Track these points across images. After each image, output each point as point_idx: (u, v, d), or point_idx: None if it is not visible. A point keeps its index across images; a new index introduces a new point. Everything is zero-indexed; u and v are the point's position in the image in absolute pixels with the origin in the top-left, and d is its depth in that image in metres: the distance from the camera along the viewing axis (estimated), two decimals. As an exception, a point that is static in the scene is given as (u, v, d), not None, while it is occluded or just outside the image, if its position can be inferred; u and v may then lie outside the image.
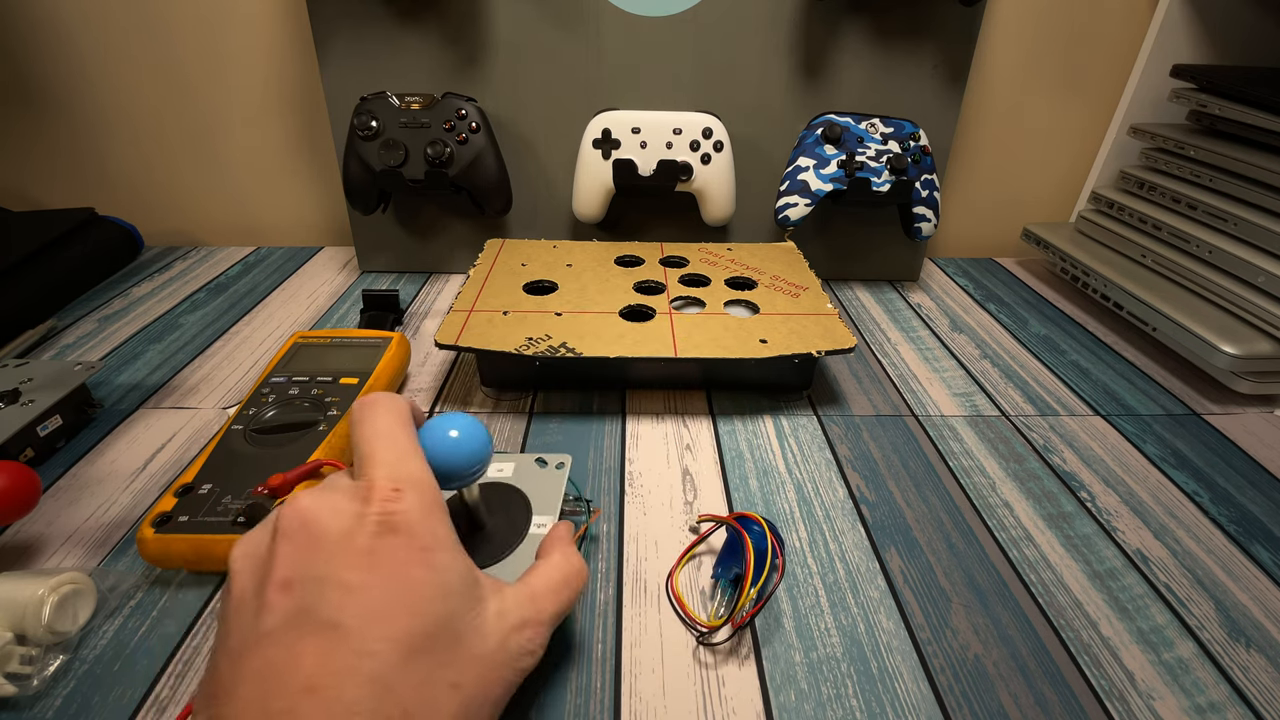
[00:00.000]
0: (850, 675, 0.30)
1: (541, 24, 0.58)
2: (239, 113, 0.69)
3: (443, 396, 0.48)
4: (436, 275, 0.66)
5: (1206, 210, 0.55)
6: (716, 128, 0.58)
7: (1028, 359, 0.54)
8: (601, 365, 0.47)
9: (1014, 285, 0.68)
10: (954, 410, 0.48)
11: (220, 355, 0.52)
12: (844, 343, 0.45)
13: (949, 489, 0.40)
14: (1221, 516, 0.39)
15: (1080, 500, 0.40)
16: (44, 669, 0.28)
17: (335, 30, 0.58)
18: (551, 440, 0.43)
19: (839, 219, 0.65)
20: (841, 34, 0.59)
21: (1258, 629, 0.32)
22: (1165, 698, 0.29)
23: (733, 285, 0.52)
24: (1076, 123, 0.71)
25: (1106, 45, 0.67)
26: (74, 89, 0.68)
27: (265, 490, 0.33)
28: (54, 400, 0.40)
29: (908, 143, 0.58)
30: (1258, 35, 0.64)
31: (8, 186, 0.73)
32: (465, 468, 0.26)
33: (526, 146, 0.62)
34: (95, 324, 0.56)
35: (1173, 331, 0.52)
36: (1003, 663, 0.30)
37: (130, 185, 0.73)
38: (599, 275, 0.53)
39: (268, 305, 0.60)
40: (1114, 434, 0.46)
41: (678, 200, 0.62)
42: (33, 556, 0.34)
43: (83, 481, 0.39)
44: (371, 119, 0.56)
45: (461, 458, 0.26)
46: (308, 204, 0.75)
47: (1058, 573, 0.35)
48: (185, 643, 0.30)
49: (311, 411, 0.40)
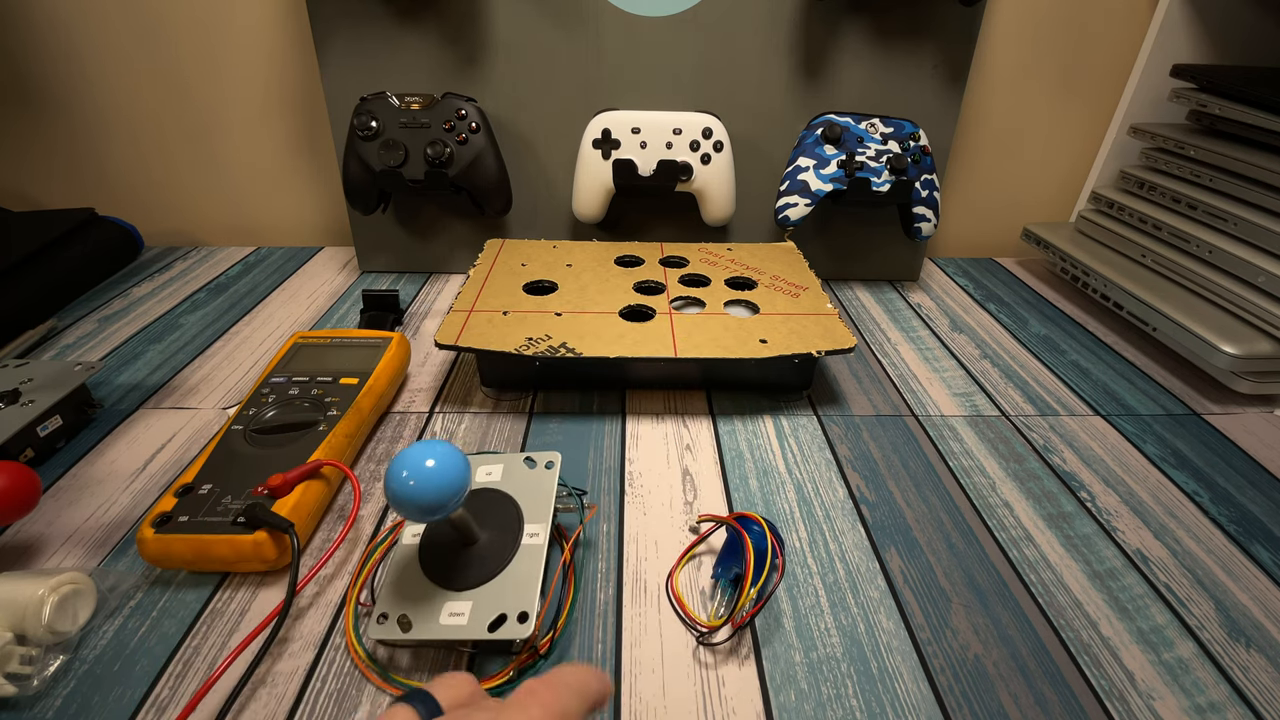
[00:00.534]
0: (850, 675, 0.30)
1: (541, 24, 0.58)
2: (239, 113, 0.69)
3: (443, 396, 0.48)
4: (436, 275, 0.66)
5: (1206, 210, 0.55)
6: (716, 128, 0.58)
7: (1028, 359, 0.54)
8: (601, 365, 0.47)
9: (1014, 285, 0.68)
10: (954, 410, 0.48)
11: (220, 355, 0.52)
12: (844, 343, 0.45)
13: (949, 489, 0.40)
14: (1221, 516, 0.39)
15: (1080, 500, 0.40)
16: (44, 669, 0.28)
17: (335, 31, 0.58)
18: (552, 440, 0.43)
19: (839, 219, 0.65)
20: (841, 34, 0.59)
21: (1258, 629, 0.32)
22: (1165, 698, 0.29)
23: (733, 285, 0.52)
24: (1076, 123, 0.71)
25: (1106, 45, 0.67)
26: (74, 89, 0.68)
27: (265, 490, 0.34)
28: (54, 400, 0.40)
29: (908, 143, 0.58)
30: (1258, 35, 0.64)
31: (8, 186, 0.73)
32: (445, 499, 0.25)
33: (526, 146, 0.62)
34: (95, 324, 0.56)
35: (1173, 331, 0.52)
36: (1003, 663, 0.30)
37: (130, 185, 0.73)
38: (599, 275, 0.53)
39: (268, 305, 0.60)
40: (1114, 434, 0.46)
41: (678, 200, 0.62)
42: (33, 556, 0.34)
43: (83, 481, 0.39)
44: (371, 119, 0.56)
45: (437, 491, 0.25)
46: (308, 204, 0.75)
47: (1058, 573, 0.35)
48: (185, 643, 0.30)
49: (311, 411, 0.40)
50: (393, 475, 0.25)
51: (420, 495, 0.25)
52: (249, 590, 0.33)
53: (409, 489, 0.25)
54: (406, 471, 0.25)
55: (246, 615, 0.32)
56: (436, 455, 0.25)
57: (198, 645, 0.30)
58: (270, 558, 0.32)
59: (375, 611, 0.29)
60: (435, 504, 0.25)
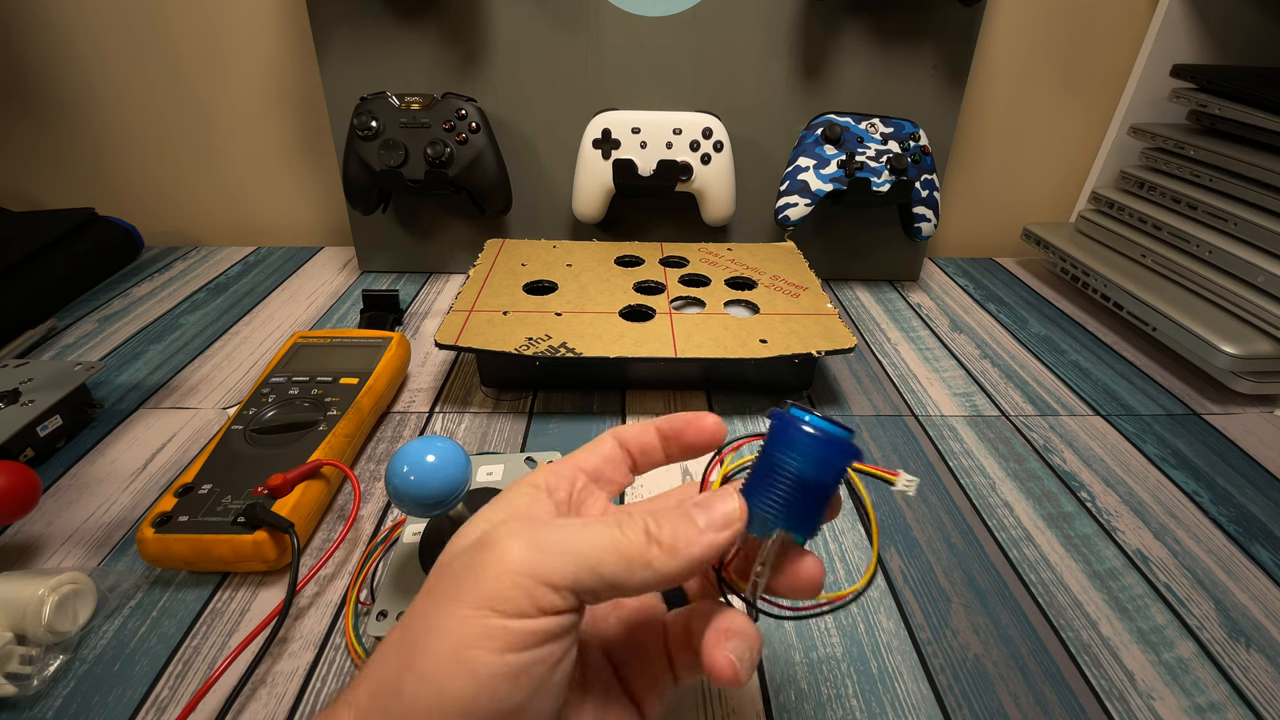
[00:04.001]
0: (850, 675, 0.30)
1: (541, 24, 0.58)
2: (239, 113, 0.69)
3: (443, 396, 0.48)
4: (436, 275, 0.66)
5: (1206, 210, 0.55)
6: (716, 128, 0.58)
7: (1028, 359, 0.54)
8: (601, 365, 0.47)
9: (1014, 285, 0.68)
10: (954, 410, 0.48)
11: (220, 355, 0.52)
12: (844, 343, 0.45)
13: (949, 489, 0.40)
14: (1221, 516, 0.39)
15: (1080, 500, 0.40)
16: (44, 669, 0.28)
17: (335, 30, 0.58)
18: (552, 440, 0.43)
19: (839, 219, 0.65)
20: (841, 34, 0.59)
21: (1258, 629, 0.32)
22: (1165, 698, 0.29)
23: (733, 285, 0.52)
24: (1076, 123, 0.71)
25: (1106, 45, 0.67)
26: (74, 89, 0.68)
27: (265, 490, 0.34)
28: (54, 400, 0.40)
29: (908, 143, 0.58)
30: (1258, 35, 0.64)
31: (8, 186, 0.73)
32: (446, 495, 0.25)
33: (526, 146, 0.62)
34: (95, 324, 0.56)
35: (1173, 331, 0.52)
36: (1003, 663, 0.30)
37: (130, 185, 0.73)
38: (599, 275, 0.53)
39: (268, 305, 0.60)
40: (1114, 434, 0.46)
41: (678, 200, 0.62)
42: (33, 556, 0.34)
43: (83, 481, 0.39)
44: (371, 119, 0.56)
45: (438, 486, 0.25)
46: (308, 204, 0.75)
47: (1058, 573, 0.35)
48: (185, 643, 0.30)
49: (311, 411, 0.40)
50: (394, 470, 0.25)
51: (421, 490, 0.25)
52: (249, 590, 0.33)
53: (409, 484, 0.25)
54: (407, 466, 0.25)
55: (246, 615, 0.32)
56: (437, 450, 0.26)
57: (198, 645, 0.30)
58: (270, 558, 0.32)
59: (374, 609, 0.29)
60: (436, 499, 0.25)
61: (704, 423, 0.22)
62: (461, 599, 0.16)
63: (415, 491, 0.25)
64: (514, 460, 0.35)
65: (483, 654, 0.16)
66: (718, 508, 0.19)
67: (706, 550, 0.18)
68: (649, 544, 0.18)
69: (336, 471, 0.37)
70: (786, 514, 0.19)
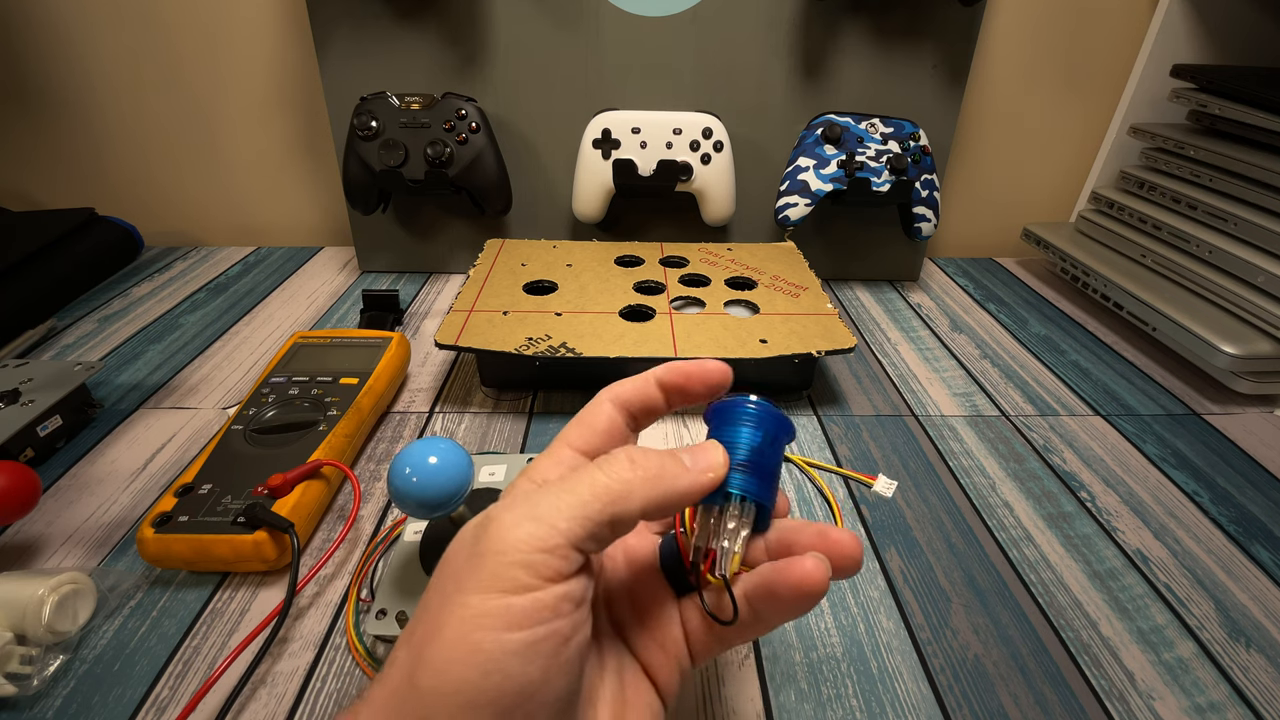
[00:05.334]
0: (850, 675, 0.30)
1: (541, 24, 0.58)
2: (239, 113, 0.69)
3: (443, 396, 0.48)
4: (436, 275, 0.66)
5: (1206, 210, 0.55)
6: (716, 128, 0.58)
7: (1028, 359, 0.54)
8: (601, 365, 0.47)
9: (1014, 285, 0.68)
10: (954, 410, 0.48)
11: (220, 355, 0.52)
12: (844, 343, 0.45)
13: (949, 489, 0.40)
14: (1221, 516, 0.39)
15: (1080, 500, 0.40)
16: (44, 669, 0.28)
17: (335, 30, 0.58)
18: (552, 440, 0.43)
19: (839, 219, 0.65)
20: (841, 34, 0.59)
21: (1258, 629, 0.32)
22: (1165, 698, 0.29)
23: (733, 285, 0.52)
24: (1076, 123, 0.71)
25: (1106, 45, 0.67)
26: (74, 89, 0.68)
27: (265, 490, 0.34)
28: (54, 400, 0.40)
29: (908, 143, 0.58)
30: (1258, 35, 0.64)
31: (8, 186, 0.73)
32: (447, 496, 0.25)
33: (526, 146, 0.62)
34: (95, 324, 0.56)
35: (1173, 331, 0.52)
36: (1003, 663, 0.30)
37: (130, 185, 0.73)
38: (599, 275, 0.53)
39: (268, 305, 0.60)
40: (1114, 434, 0.46)
41: (678, 200, 0.62)
42: (33, 556, 0.34)
43: (83, 481, 0.39)
44: (371, 119, 0.56)
45: (440, 488, 0.25)
46: (308, 204, 0.75)
47: (1058, 573, 0.35)
48: (185, 643, 0.30)
49: (311, 411, 0.40)
50: (396, 472, 0.25)
51: (423, 492, 0.25)
52: (249, 590, 0.33)
53: (412, 485, 0.25)
54: (410, 468, 0.25)
55: (246, 615, 0.32)
56: (440, 452, 0.26)
57: (198, 645, 0.30)
58: (270, 558, 0.32)
59: (374, 607, 0.29)
60: (438, 501, 0.25)
61: (709, 370, 0.22)
62: (464, 588, 0.17)
63: (418, 493, 0.25)
64: (516, 460, 0.35)
65: (489, 634, 0.16)
66: (703, 454, 0.20)
67: (692, 486, 0.19)
68: (632, 469, 0.18)
69: (336, 471, 0.37)
70: (744, 480, 0.20)
